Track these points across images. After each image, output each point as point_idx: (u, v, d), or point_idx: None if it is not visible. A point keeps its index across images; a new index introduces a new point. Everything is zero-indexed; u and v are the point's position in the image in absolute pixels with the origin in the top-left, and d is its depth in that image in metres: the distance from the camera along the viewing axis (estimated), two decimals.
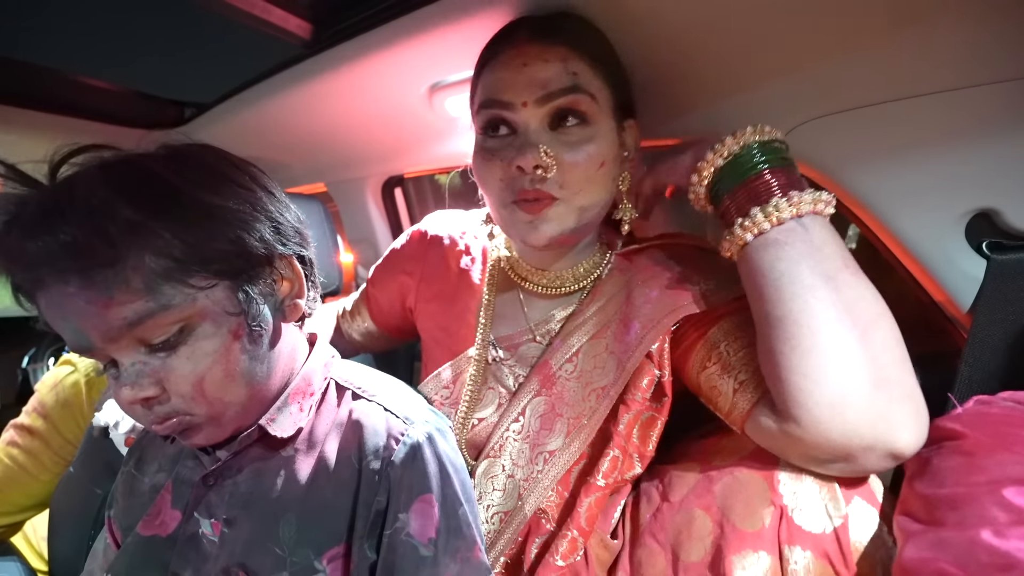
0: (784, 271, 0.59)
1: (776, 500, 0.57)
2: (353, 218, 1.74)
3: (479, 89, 0.76)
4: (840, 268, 0.59)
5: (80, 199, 0.50)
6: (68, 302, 0.51)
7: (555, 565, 0.72)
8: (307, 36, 1.01)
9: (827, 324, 0.56)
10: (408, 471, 0.62)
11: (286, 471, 0.66)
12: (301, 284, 0.67)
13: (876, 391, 0.55)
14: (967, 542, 0.44)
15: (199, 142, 0.62)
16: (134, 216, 0.50)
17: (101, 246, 0.49)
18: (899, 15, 0.72)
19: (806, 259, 0.59)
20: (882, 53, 0.76)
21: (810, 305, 0.57)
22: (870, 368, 0.55)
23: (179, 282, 0.53)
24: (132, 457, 0.77)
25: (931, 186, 0.78)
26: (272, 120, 1.33)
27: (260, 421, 0.64)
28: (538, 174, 0.70)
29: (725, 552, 0.57)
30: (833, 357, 0.55)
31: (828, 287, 0.57)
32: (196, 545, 0.65)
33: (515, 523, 0.77)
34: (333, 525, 0.63)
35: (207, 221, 0.55)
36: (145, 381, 0.55)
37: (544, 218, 0.72)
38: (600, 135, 0.73)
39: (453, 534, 0.63)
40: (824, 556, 0.54)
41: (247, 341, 0.60)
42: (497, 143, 0.74)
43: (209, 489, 0.66)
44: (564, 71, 0.70)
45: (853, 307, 0.57)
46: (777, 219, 0.61)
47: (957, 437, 0.54)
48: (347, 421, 0.67)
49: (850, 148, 0.84)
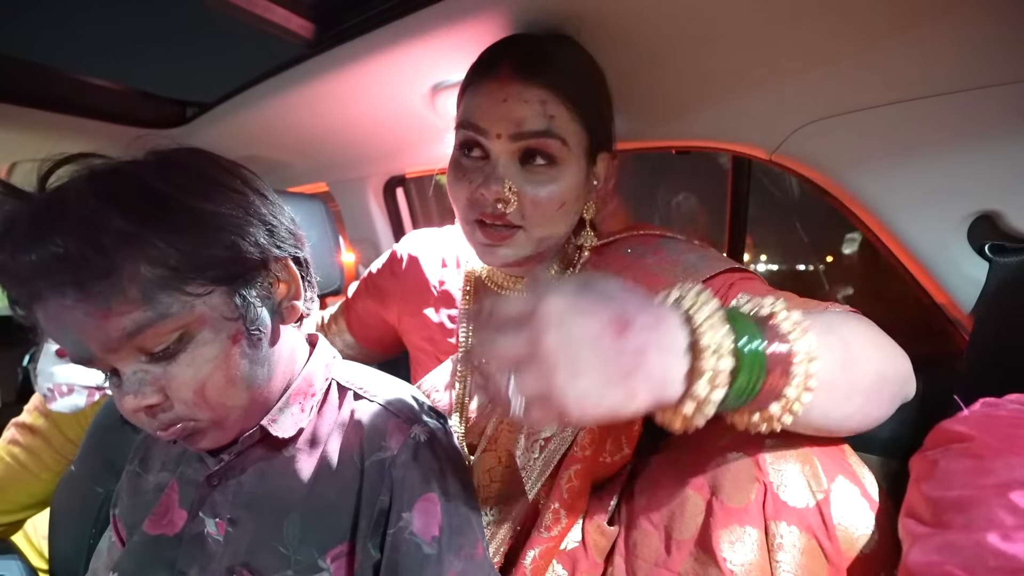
0: (817, 420, 0.54)
1: (761, 477, 0.58)
2: (355, 218, 1.74)
3: (461, 108, 0.78)
4: (843, 366, 0.52)
5: (71, 210, 0.50)
6: (66, 314, 0.51)
7: (540, 537, 0.74)
8: (309, 36, 1.01)
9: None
10: (410, 470, 0.63)
11: (289, 471, 0.66)
12: (298, 286, 0.67)
13: (894, 399, 0.59)
14: (974, 545, 0.44)
15: (188, 146, 0.62)
16: (126, 226, 0.50)
17: (95, 257, 0.49)
18: (900, 18, 0.72)
19: (823, 398, 0.51)
20: (883, 56, 0.76)
21: (849, 417, 0.56)
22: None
23: (176, 290, 0.53)
24: (136, 456, 0.78)
25: (933, 189, 0.78)
26: (274, 120, 1.33)
27: (262, 422, 0.64)
28: (499, 207, 0.73)
29: (713, 527, 0.58)
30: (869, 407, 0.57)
31: (843, 393, 0.54)
32: (202, 544, 0.66)
33: (514, 513, 0.78)
34: (337, 524, 0.63)
35: (200, 228, 0.54)
36: (147, 389, 0.55)
37: (503, 245, 0.76)
38: (564, 177, 0.74)
39: (456, 532, 0.63)
40: (808, 530, 0.55)
41: (246, 345, 0.60)
42: (470, 163, 0.76)
43: (213, 489, 0.67)
44: (542, 113, 0.71)
45: (866, 375, 0.56)
46: (796, 407, 0.50)
47: (964, 440, 0.54)
48: (349, 421, 0.68)
49: (852, 151, 0.84)
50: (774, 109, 0.88)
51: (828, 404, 0.52)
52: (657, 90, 0.93)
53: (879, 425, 0.58)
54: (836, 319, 0.57)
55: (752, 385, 0.46)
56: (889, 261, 0.87)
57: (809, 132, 0.86)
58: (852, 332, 0.56)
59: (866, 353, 0.55)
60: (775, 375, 0.47)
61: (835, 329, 0.53)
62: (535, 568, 0.73)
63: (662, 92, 0.94)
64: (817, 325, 0.50)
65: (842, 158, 0.85)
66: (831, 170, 0.86)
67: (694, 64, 0.87)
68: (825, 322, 0.53)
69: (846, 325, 0.56)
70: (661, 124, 1.02)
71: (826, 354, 0.49)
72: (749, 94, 0.89)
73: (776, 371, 0.47)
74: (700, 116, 0.97)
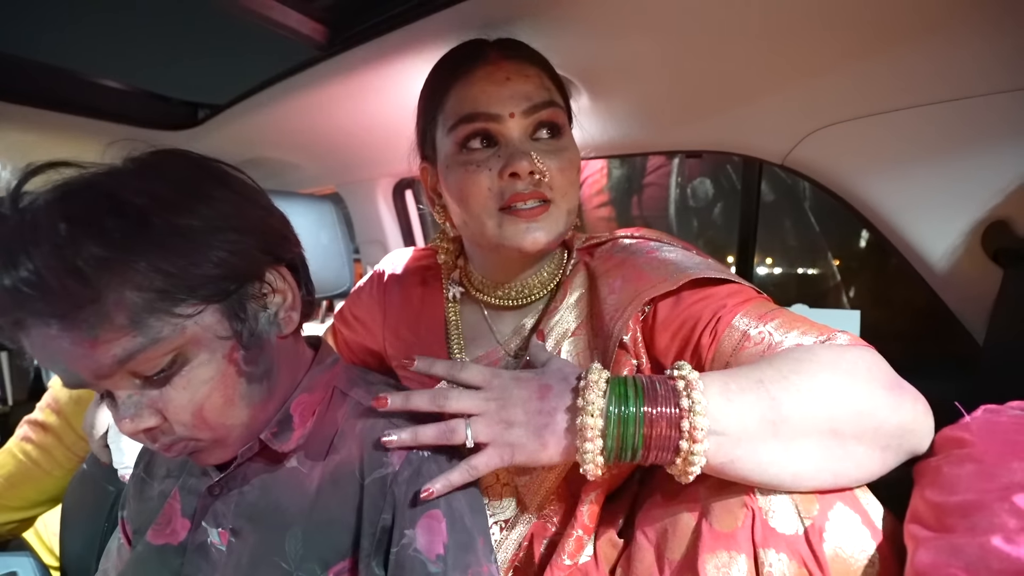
0: (741, 473, 0.56)
1: (750, 503, 0.56)
2: (364, 220, 1.75)
3: (453, 103, 0.76)
4: (771, 423, 0.54)
5: (43, 237, 0.46)
6: (52, 344, 0.49)
7: (563, 564, 0.72)
8: (322, 39, 1.02)
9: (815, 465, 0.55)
10: (413, 488, 0.61)
11: (291, 484, 0.64)
12: (295, 294, 0.64)
13: (885, 452, 0.56)
14: (978, 548, 0.44)
15: (168, 149, 0.58)
16: (104, 251, 0.47)
17: (75, 286, 0.46)
18: (913, 23, 0.72)
19: (747, 454, 0.55)
20: (896, 61, 0.76)
21: (800, 473, 0.55)
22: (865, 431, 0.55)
23: (165, 312, 0.50)
24: (142, 461, 0.77)
25: (947, 194, 0.78)
26: (285, 122, 1.34)
27: (260, 436, 0.62)
28: (534, 179, 0.72)
29: (700, 550, 0.57)
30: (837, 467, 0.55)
31: (779, 446, 0.55)
32: (205, 554, 0.65)
33: (518, 529, 0.77)
34: (338, 540, 0.62)
35: (186, 245, 0.51)
36: (144, 412, 0.54)
37: (540, 223, 0.73)
38: (571, 144, 0.77)
39: (462, 549, 0.61)
40: (797, 557, 0.53)
41: (243, 363, 0.57)
42: (480, 155, 0.74)
43: (215, 499, 0.65)
44: (542, 86, 0.74)
45: (806, 429, 0.55)
46: (693, 457, 0.54)
47: (966, 445, 0.54)
48: (350, 433, 0.66)
49: (864, 156, 0.84)
50: (786, 114, 0.88)
51: (759, 457, 0.54)
52: (670, 98, 0.94)
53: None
54: (790, 367, 0.56)
55: (629, 438, 0.55)
56: (899, 264, 0.86)
57: (821, 137, 0.86)
58: (808, 382, 0.55)
59: (817, 405, 0.54)
60: (659, 429, 0.54)
61: (769, 381, 0.55)
62: None
63: (675, 98, 0.94)
64: (739, 380, 0.56)
65: (854, 163, 0.85)
66: (843, 175, 0.86)
67: (706, 71, 0.87)
68: (756, 377, 0.56)
69: (803, 373, 0.55)
70: (674, 130, 1.02)
71: (737, 409, 0.54)
72: (761, 100, 0.89)
73: (660, 425, 0.54)
74: (712, 122, 0.98)
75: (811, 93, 0.85)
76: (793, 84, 0.85)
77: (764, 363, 0.58)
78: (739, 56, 0.83)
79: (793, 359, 0.57)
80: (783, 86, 0.86)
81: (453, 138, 0.75)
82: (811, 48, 0.79)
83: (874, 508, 0.56)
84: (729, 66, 0.85)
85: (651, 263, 0.75)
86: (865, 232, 1.54)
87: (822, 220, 2.30)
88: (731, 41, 0.80)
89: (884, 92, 0.80)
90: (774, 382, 0.55)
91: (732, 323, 0.66)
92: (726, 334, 0.65)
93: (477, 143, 0.74)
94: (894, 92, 0.79)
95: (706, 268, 0.72)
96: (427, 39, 0.91)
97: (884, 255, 0.90)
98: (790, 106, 0.88)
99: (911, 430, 0.56)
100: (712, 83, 0.90)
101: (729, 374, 0.57)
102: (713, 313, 0.68)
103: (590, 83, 0.97)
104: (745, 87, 0.89)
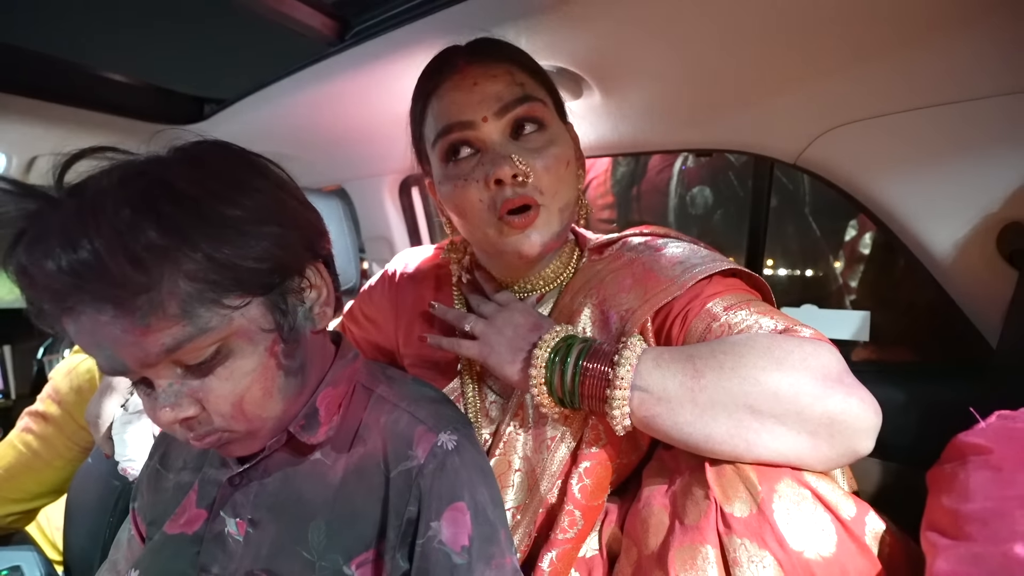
0: (662, 429, 0.63)
1: (710, 494, 0.58)
2: (370, 216, 1.75)
3: (431, 120, 0.77)
4: (690, 390, 0.61)
5: (105, 221, 0.46)
6: (102, 330, 0.49)
7: (556, 539, 0.73)
8: (332, 34, 1.01)
9: (730, 437, 0.59)
10: (438, 480, 0.62)
11: (314, 475, 0.65)
12: (330, 289, 0.65)
13: (815, 438, 0.57)
14: (1000, 556, 0.44)
15: (211, 140, 0.59)
16: (164, 239, 0.48)
17: (134, 273, 0.47)
18: (928, 23, 0.71)
19: (666, 412, 0.62)
20: (910, 61, 0.75)
21: (712, 436, 0.60)
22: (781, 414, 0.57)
23: (214, 303, 0.51)
24: (157, 452, 0.78)
25: (961, 195, 0.78)
26: (292, 117, 1.33)
27: (289, 428, 0.63)
28: (518, 181, 0.72)
29: (671, 544, 0.59)
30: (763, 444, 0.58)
31: (696, 411, 0.60)
32: (223, 543, 0.65)
33: (528, 516, 0.77)
34: (362, 531, 0.63)
35: (238, 238, 0.52)
36: (184, 402, 0.54)
37: (534, 228, 0.74)
38: (558, 136, 0.76)
39: (486, 541, 0.62)
40: (757, 538, 0.54)
41: (282, 356, 0.59)
42: (465, 166, 0.74)
43: (236, 489, 0.66)
44: (512, 83, 0.73)
45: (722, 401, 0.59)
46: (620, 410, 0.63)
47: (982, 452, 0.54)
48: (373, 426, 0.67)
49: (878, 156, 0.83)
50: (799, 114, 0.88)
51: (676, 417, 0.61)
52: (682, 96, 0.93)
53: (898, 432, 0.57)
54: (723, 348, 0.61)
55: (567, 383, 0.67)
56: (914, 267, 0.86)
57: (834, 137, 0.86)
58: (732, 361, 0.60)
59: (735, 381, 0.58)
60: (593, 380, 0.65)
61: (699, 356, 0.62)
62: (553, 572, 0.73)
63: (687, 98, 0.93)
64: (673, 353, 0.64)
65: (867, 163, 0.84)
66: (856, 175, 0.85)
67: (719, 70, 0.86)
68: (688, 353, 0.63)
69: (731, 354, 0.60)
70: (686, 129, 1.02)
71: (662, 373, 0.62)
72: (774, 99, 0.89)
73: (593, 378, 0.66)
74: (725, 121, 0.97)
75: (825, 93, 0.84)
76: (807, 84, 0.85)
77: (704, 344, 0.64)
78: (753, 55, 0.82)
79: (730, 342, 0.62)
80: (797, 86, 0.86)
81: (437, 154, 0.76)
82: (825, 48, 0.78)
83: (825, 487, 0.57)
84: (743, 65, 0.85)
85: (659, 262, 0.76)
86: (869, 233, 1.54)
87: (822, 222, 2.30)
88: (745, 40, 0.80)
89: (898, 92, 0.79)
90: (702, 358, 0.61)
91: (700, 314, 0.69)
92: (693, 324, 0.69)
93: (463, 153, 0.75)
94: (908, 92, 0.78)
95: (711, 262, 0.73)
96: (436, 34, 0.90)
97: (892, 254, 0.89)
98: (804, 106, 0.87)
99: (840, 421, 0.56)
100: (726, 82, 0.90)
101: (669, 348, 0.65)
102: (686, 303, 0.71)
103: (602, 80, 0.96)
104: (759, 86, 0.89)
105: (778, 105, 0.89)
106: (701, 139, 1.03)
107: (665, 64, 0.86)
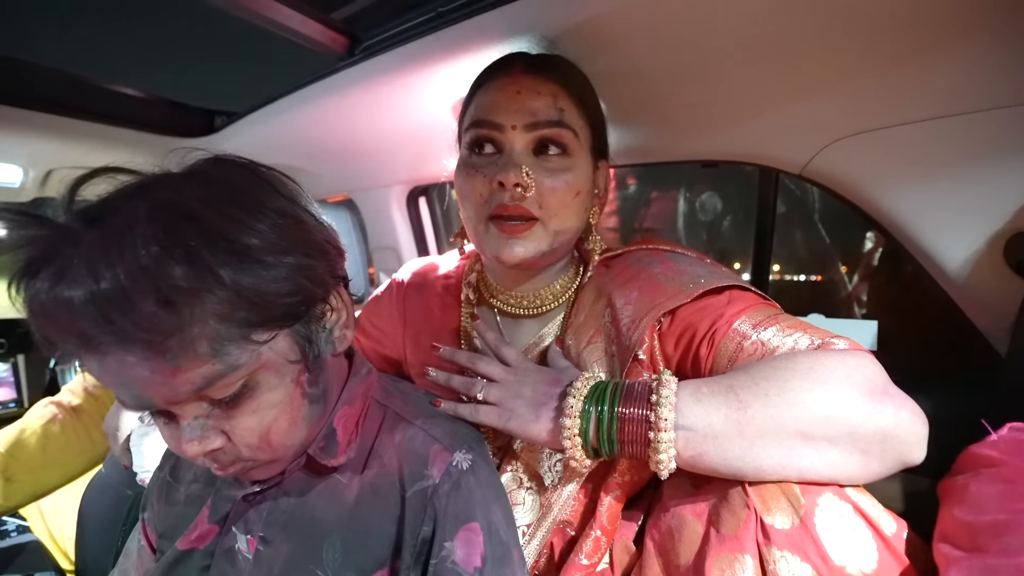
0: (711, 466, 0.60)
1: (750, 503, 0.57)
2: (377, 226, 1.76)
3: (471, 109, 0.79)
4: (736, 422, 0.58)
5: (133, 259, 0.43)
6: (129, 371, 0.47)
7: (580, 564, 0.73)
8: (342, 49, 1.03)
9: (786, 459, 0.57)
10: (452, 500, 0.61)
11: (328, 494, 0.65)
12: (350, 311, 0.64)
13: (867, 456, 0.56)
14: (1014, 569, 0.44)
15: (232, 159, 0.57)
16: (194, 280, 0.46)
17: (165, 315, 0.45)
18: (932, 35, 0.72)
19: (713, 449, 0.59)
20: (916, 73, 0.76)
21: (763, 467, 0.58)
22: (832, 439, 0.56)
23: (244, 340, 0.50)
24: (167, 464, 0.78)
25: (968, 207, 0.78)
26: (301, 130, 1.35)
27: (309, 451, 0.63)
28: (517, 191, 0.73)
29: (707, 555, 0.58)
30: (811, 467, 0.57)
31: (744, 443, 0.58)
32: (232, 559, 0.65)
33: (540, 535, 0.77)
34: (377, 549, 0.62)
35: (266, 272, 0.50)
36: (211, 435, 0.53)
37: (521, 239, 0.75)
38: (577, 167, 0.77)
39: (498, 562, 0.61)
40: (799, 551, 0.53)
41: (307, 385, 0.58)
42: (481, 160, 0.77)
43: (250, 506, 0.66)
44: (553, 105, 0.75)
45: (772, 429, 0.57)
46: (667, 453, 0.60)
47: (994, 464, 0.54)
48: (388, 444, 0.66)
49: (884, 167, 0.83)
50: (804, 125, 0.88)
51: (724, 452, 0.58)
52: (688, 106, 0.93)
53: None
54: (764, 373, 0.59)
55: (604, 432, 0.63)
56: (921, 278, 0.86)
57: (840, 148, 0.86)
58: (776, 387, 0.57)
59: (783, 409, 0.57)
60: (631, 425, 0.61)
61: (740, 386, 0.59)
62: None
63: (693, 108, 0.94)
64: (712, 385, 0.61)
65: (874, 174, 0.84)
66: (862, 186, 0.86)
67: (725, 81, 0.87)
68: (728, 383, 0.60)
69: (774, 379, 0.58)
70: (691, 140, 1.02)
71: (704, 409, 0.59)
72: (779, 110, 0.89)
73: (631, 421, 0.61)
74: (730, 132, 0.97)
75: (831, 104, 0.85)
76: (813, 95, 0.85)
77: (741, 370, 0.62)
78: (758, 67, 0.83)
79: (770, 366, 0.60)
80: (802, 97, 0.86)
81: (465, 140, 0.79)
82: (831, 59, 0.79)
83: (866, 502, 0.56)
84: (748, 76, 0.85)
85: (666, 274, 0.76)
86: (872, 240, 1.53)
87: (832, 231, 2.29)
88: (750, 52, 0.80)
89: (904, 104, 0.79)
90: (744, 387, 0.59)
91: (728, 333, 0.67)
92: (722, 344, 0.67)
93: (486, 148, 0.77)
94: (914, 104, 0.79)
95: (719, 277, 0.73)
96: (443, 50, 0.92)
97: (899, 263, 0.89)
98: (809, 117, 0.88)
99: (893, 436, 0.55)
100: (731, 93, 0.90)
101: (705, 380, 0.62)
102: (711, 324, 0.69)
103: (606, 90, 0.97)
104: (764, 97, 0.89)
105: (783, 116, 0.90)
106: (706, 150, 1.03)
107: (671, 75, 0.86)
